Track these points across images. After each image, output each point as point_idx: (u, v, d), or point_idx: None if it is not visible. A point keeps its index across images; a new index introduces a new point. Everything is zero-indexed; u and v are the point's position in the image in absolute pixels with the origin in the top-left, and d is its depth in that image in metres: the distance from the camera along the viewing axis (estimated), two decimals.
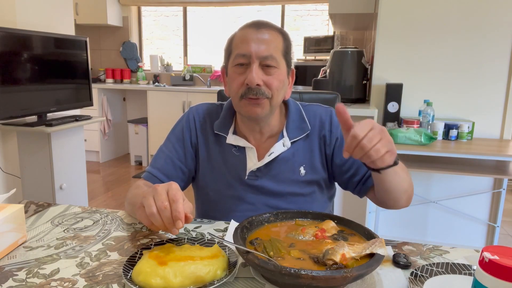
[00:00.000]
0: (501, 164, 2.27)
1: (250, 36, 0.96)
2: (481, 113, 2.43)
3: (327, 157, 1.07)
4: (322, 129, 1.07)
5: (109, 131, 4.76)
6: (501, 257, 0.50)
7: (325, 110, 1.10)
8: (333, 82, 2.78)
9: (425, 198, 2.56)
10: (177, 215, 0.72)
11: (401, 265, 0.76)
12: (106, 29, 5.09)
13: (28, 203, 1.07)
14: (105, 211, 1.03)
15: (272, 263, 0.64)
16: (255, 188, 1.05)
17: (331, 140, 1.06)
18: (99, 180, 4.08)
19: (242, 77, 0.96)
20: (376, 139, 0.75)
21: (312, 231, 0.80)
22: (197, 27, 5.05)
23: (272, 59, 0.96)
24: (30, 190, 2.49)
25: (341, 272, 0.61)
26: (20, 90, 2.28)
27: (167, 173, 1.07)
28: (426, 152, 2.10)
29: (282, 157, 1.04)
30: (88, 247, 0.83)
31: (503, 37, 2.33)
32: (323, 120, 1.07)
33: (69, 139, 2.60)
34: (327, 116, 1.08)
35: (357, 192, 1.08)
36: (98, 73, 5.05)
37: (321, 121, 1.08)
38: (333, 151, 1.06)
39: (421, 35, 2.43)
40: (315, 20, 4.68)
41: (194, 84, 4.89)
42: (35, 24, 2.57)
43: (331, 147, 1.06)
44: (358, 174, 1.04)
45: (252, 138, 1.07)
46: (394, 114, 2.42)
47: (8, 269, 0.73)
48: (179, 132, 1.11)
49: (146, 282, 0.65)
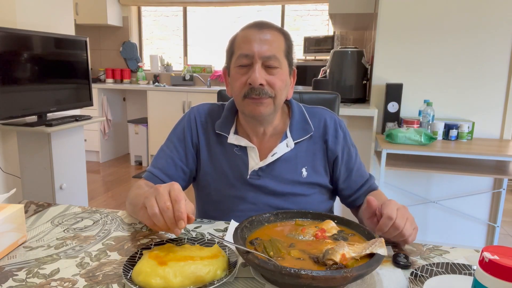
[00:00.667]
0: (501, 164, 2.27)
1: (252, 37, 0.96)
2: (481, 113, 2.43)
3: (329, 161, 1.09)
4: (326, 134, 1.08)
5: (109, 131, 4.76)
6: (501, 257, 0.50)
7: (330, 116, 1.11)
8: (333, 82, 2.78)
9: (425, 198, 2.56)
10: (180, 216, 0.72)
11: (401, 265, 0.76)
12: (106, 29, 5.09)
13: (28, 203, 1.07)
14: (105, 211, 1.03)
15: (272, 263, 0.64)
16: (257, 187, 1.05)
17: (335, 149, 1.08)
18: (99, 180, 4.08)
19: (244, 77, 0.97)
20: (405, 218, 0.81)
21: (312, 231, 0.80)
22: (197, 27, 5.05)
23: (274, 59, 0.96)
24: (30, 190, 2.49)
25: (341, 272, 0.61)
26: (20, 90, 2.28)
27: (168, 173, 1.07)
28: (426, 152, 2.10)
29: (285, 158, 1.05)
30: (88, 247, 0.83)
31: (503, 37, 2.33)
32: (327, 125, 1.09)
33: (69, 139, 2.60)
34: (332, 122, 1.09)
35: (346, 204, 1.17)
36: (98, 73, 5.05)
37: (325, 125, 1.09)
38: (334, 160, 1.09)
39: (421, 35, 2.43)
40: (315, 20, 4.68)
41: (194, 84, 4.89)
42: (35, 24, 2.57)
43: (333, 154, 1.08)
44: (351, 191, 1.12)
45: (254, 138, 1.07)
46: (394, 114, 2.42)
47: (8, 269, 0.73)
48: (180, 132, 1.11)
49: (146, 282, 0.65)
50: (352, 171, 1.11)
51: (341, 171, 1.10)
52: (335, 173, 1.10)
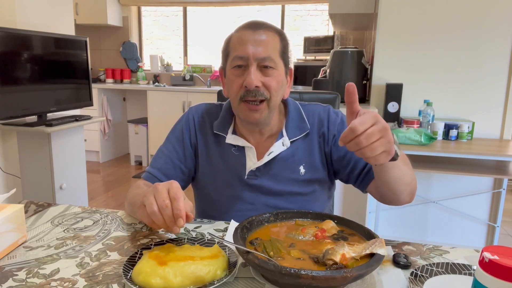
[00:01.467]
0: (501, 164, 2.27)
1: (247, 38, 0.96)
2: (481, 113, 2.43)
3: (326, 154, 1.07)
4: (321, 127, 1.07)
5: (109, 131, 4.76)
6: (501, 257, 0.50)
7: (323, 108, 1.10)
8: (333, 82, 2.78)
9: (425, 198, 2.56)
10: (179, 213, 0.72)
11: (401, 265, 0.76)
12: (106, 29, 5.09)
13: (28, 203, 1.07)
14: (105, 211, 1.03)
15: (272, 263, 0.64)
16: (254, 187, 1.05)
17: (329, 137, 1.06)
18: (99, 180, 4.08)
19: (240, 79, 0.97)
20: (375, 137, 0.70)
21: (312, 231, 0.80)
22: (197, 27, 5.05)
23: (270, 60, 0.96)
24: (30, 190, 2.49)
25: (341, 272, 0.61)
26: (20, 90, 2.28)
27: (166, 173, 1.07)
28: (426, 152, 2.10)
29: (282, 157, 1.04)
30: (88, 247, 0.83)
31: (503, 37, 2.33)
32: (322, 118, 1.08)
33: (69, 139, 2.60)
34: (325, 113, 1.08)
35: (358, 185, 1.06)
36: (98, 73, 5.05)
37: (319, 119, 1.08)
38: (331, 148, 1.06)
39: (421, 35, 2.43)
40: (315, 20, 4.68)
41: (194, 84, 4.89)
42: (35, 24, 2.57)
43: (329, 144, 1.06)
44: (357, 168, 1.02)
45: (252, 138, 1.07)
46: (394, 114, 2.42)
47: (8, 269, 0.73)
48: (179, 132, 1.11)
49: (146, 282, 0.65)
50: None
51: (342, 148, 1.03)
52: (337, 152, 1.04)
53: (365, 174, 1.02)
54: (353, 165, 1.03)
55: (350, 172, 1.04)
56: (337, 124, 1.06)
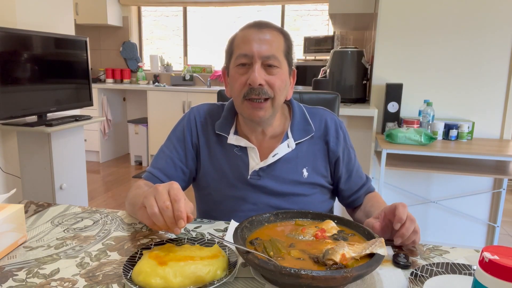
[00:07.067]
0: (501, 164, 2.27)
1: (252, 36, 0.96)
2: (481, 113, 2.43)
3: (330, 162, 1.09)
4: (327, 135, 1.08)
5: (109, 131, 4.76)
6: (501, 257, 0.50)
7: (330, 116, 1.11)
8: (333, 82, 2.78)
9: (425, 198, 2.56)
10: (179, 215, 0.72)
11: (401, 265, 0.76)
12: (106, 29, 5.09)
13: (28, 203, 1.07)
14: (105, 211, 1.03)
15: (272, 263, 0.64)
16: (257, 188, 1.05)
17: (337, 150, 1.08)
18: (99, 180, 4.08)
19: (244, 77, 0.97)
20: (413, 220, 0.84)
21: (312, 231, 0.80)
22: (197, 27, 5.05)
23: (274, 59, 0.96)
24: (30, 190, 2.49)
25: (341, 272, 0.61)
26: (20, 90, 2.28)
27: (167, 173, 1.07)
28: (426, 152, 2.10)
29: (286, 158, 1.05)
30: (88, 247, 0.83)
31: (503, 37, 2.33)
32: (328, 126, 1.09)
33: (69, 139, 2.60)
34: (332, 123, 1.10)
35: (344, 205, 1.19)
36: (98, 73, 5.06)
37: (326, 126, 1.09)
38: (335, 162, 1.09)
39: (421, 35, 2.43)
40: (315, 20, 4.69)
41: (194, 84, 4.89)
42: (35, 24, 2.57)
43: (335, 155, 1.09)
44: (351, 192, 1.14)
45: (254, 138, 1.07)
46: (394, 114, 2.42)
47: (8, 269, 0.73)
48: (180, 132, 1.11)
49: (146, 282, 0.65)
50: (352, 172, 1.12)
51: (342, 172, 1.10)
52: (336, 174, 1.11)
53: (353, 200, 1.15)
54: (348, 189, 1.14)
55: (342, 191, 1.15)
56: (342, 143, 1.10)
